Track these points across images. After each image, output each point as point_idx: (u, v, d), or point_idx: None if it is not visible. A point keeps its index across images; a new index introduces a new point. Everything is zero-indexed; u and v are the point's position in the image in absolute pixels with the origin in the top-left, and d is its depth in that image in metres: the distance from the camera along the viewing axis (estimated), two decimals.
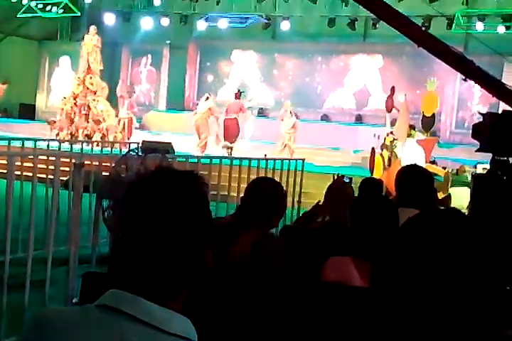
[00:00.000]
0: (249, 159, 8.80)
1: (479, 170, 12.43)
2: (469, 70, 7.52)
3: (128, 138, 19.00)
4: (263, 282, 2.75)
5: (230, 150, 17.71)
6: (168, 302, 1.32)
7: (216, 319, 2.48)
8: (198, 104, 19.94)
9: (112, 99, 20.80)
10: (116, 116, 20.03)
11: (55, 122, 19.80)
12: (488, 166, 8.25)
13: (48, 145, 10.86)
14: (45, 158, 8.13)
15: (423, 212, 1.39)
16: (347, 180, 4.94)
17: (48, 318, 1.35)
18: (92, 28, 20.48)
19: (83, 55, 20.63)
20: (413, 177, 3.85)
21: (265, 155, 13.43)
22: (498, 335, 1.19)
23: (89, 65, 20.05)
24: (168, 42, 26.26)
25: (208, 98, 18.93)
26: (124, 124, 19.94)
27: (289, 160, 9.30)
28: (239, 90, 19.54)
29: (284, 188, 3.53)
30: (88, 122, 19.55)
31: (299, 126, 19.13)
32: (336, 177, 5.12)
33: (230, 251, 3.12)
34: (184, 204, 1.35)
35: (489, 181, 5.57)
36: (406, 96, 14.34)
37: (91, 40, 20.31)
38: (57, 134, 19.14)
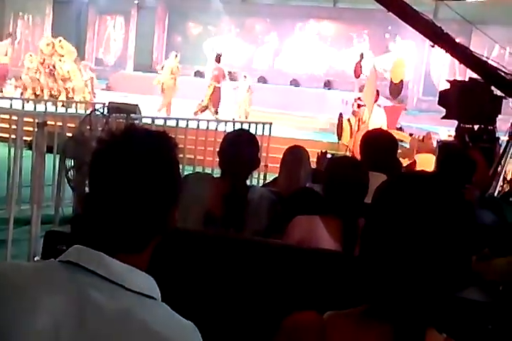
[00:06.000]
0: (217, 121, 8.77)
1: (443, 136, 12.56)
2: (438, 37, 7.52)
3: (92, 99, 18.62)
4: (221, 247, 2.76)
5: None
6: (132, 259, 1.33)
7: (179, 280, 2.49)
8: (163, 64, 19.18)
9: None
10: None
11: (20, 78, 19.35)
12: (452, 133, 8.34)
13: (10, 105, 10.62)
14: (7, 117, 8.00)
15: (400, 175, 1.40)
16: (329, 156, 4.97)
17: (5, 272, 1.33)
18: None
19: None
20: (376, 141, 3.90)
21: (233, 119, 13.42)
22: (452, 296, 1.21)
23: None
24: (136, 1, 25.76)
25: (176, 56, 18.36)
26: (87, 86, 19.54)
27: (256, 123, 9.24)
28: (218, 54, 18.64)
29: None
30: (54, 82, 19.09)
31: (267, 90, 18.99)
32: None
33: None
34: (155, 164, 1.37)
35: (454, 148, 5.63)
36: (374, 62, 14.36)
37: None
38: (22, 93, 18.71)
